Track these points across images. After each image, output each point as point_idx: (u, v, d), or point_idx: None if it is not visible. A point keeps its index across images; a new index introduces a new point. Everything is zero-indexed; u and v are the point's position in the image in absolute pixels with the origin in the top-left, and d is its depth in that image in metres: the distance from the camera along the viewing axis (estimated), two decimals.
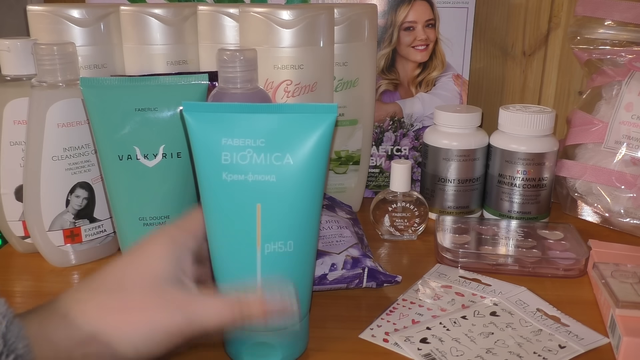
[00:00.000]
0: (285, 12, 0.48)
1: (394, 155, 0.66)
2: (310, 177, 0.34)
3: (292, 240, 0.34)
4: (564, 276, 0.49)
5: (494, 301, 0.44)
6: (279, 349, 0.36)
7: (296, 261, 0.35)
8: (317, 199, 0.35)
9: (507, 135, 0.57)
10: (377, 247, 0.54)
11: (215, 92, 0.43)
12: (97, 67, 0.54)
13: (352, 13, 0.54)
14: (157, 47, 0.54)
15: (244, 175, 0.33)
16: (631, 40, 0.62)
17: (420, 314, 0.42)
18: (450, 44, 0.62)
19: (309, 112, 0.34)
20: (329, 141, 0.34)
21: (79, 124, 0.48)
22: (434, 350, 0.38)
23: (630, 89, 0.58)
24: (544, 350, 0.38)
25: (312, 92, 0.51)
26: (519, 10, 0.71)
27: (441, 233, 0.53)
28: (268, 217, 0.33)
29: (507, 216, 0.58)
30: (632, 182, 0.56)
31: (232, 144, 0.33)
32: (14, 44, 0.48)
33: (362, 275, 0.45)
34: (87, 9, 0.52)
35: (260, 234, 0.34)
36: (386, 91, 0.64)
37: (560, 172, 0.60)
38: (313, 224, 0.35)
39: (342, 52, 0.55)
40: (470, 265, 0.49)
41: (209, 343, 0.39)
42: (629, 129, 0.57)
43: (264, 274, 0.34)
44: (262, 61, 0.45)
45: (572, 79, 0.72)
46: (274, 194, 0.33)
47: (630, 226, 0.57)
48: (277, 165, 0.33)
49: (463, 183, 0.58)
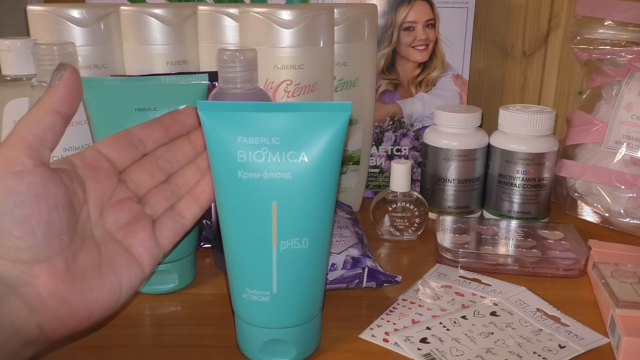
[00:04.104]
0: (285, 12, 0.48)
1: (394, 155, 0.66)
2: (325, 175, 0.34)
3: (308, 237, 0.35)
4: (564, 276, 0.49)
5: (494, 301, 0.44)
6: (293, 345, 0.37)
7: (311, 258, 0.35)
8: (332, 196, 0.35)
9: (507, 135, 0.57)
10: (377, 247, 0.54)
11: (215, 92, 0.43)
12: (97, 67, 0.54)
13: (352, 13, 0.54)
14: (157, 47, 0.54)
15: (260, 173, 0.34)
16: (631, 40, 0.62)
17: (420, 314, 0.42)
18: (450, 44, 0.62)
19: (324, 111, 0.34)
20: (343, 139, 0.35)
21: (79, 124, 0.48)
22: (434, 350, 0.38)
23: (630, 89, 0.58)
24: (543, 350, 0.38)
25: (312, 92, 0.51)
26: (518, 10, 0.71)
27: (441, 233, 0.53)
28: (284, 214, 0.34)
29: (507, 216, 0.58)
30: (632, 182, 0.56)
31: (248, 142, 0.34)
32: (14, 44, 0.48)
33: (362, 275, 0.45)
34: (87, 9, 0.52)
35: (275, 231, 0.34)
36: (386, 91, 0.64)
37: (560, 172, 0.60)
38: (327, 221, 0.36)
39: (342, 52, 0.55)
40: (470, 265, 0.49)
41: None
42: (629, 129, 0.57)
43: (279, 271, 0.35)
44: (262, 61, 0.45)
45: (572, 79, 0.72)
46: (290, 192, 0.34)
47: (630, 226, 0.57)
48: (293, 163, 0.34)
49: (463, 183, 0.58)
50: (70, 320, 0.32)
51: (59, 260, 0.31)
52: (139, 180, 0.38)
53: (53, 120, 0.32)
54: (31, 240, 0.30)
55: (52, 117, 0.32)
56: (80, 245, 0.33)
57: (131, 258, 0.35)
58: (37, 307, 0.30)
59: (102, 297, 0.33)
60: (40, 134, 0.31)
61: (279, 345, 0.37)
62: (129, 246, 0.35)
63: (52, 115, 0.32)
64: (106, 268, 0.33)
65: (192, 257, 0.47)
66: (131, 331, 0.41)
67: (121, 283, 0.34)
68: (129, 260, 0.35)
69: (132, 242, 0.35)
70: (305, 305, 0.36)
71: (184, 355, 0.38)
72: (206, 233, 0.53)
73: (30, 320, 0.30)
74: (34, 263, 0.30)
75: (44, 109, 0.32)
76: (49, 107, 0.32)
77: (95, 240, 0.34)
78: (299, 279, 0.35)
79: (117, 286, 0.33)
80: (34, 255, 0.30)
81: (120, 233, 0.35)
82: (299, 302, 0.36)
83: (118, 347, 0.39)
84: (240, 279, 0.36)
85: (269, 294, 0.35)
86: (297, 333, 0.37)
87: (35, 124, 0.31)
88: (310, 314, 0.37)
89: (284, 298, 0.35)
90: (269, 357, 0.37)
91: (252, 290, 0.35)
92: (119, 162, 0.37)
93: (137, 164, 0.38)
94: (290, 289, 0.35)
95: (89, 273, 0.32)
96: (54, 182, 0.31)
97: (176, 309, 0.44)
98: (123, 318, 0.42)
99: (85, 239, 0.34)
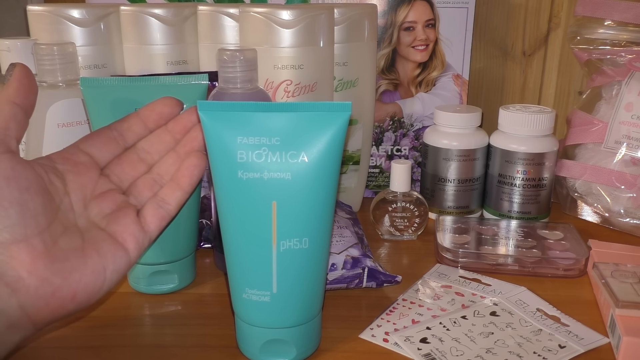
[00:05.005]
0: (285, 12, 0.48)
1: (394, 155, 0.66)
2: (325, 175, 0.34)
3: (308, 237, 0.35)
4: (564, 276, 0.49)
5: (494, 301, 0.44)
6: (293, 345, 0.37)
7: (311, 258, 0.35)
8: (332, 196, 0.35)
9: (507, 135, 0.57)
10: (377, 247, 0.54)
11: (215, 92, 0.43)
12: (97, 67, 0.54)
13: (352, 13, 0.54)
14: (157, 47, 0.54)
15: (260, 173, 0.34)
16: (631, 40, 0.62)
17: (420, 314, 0.42)
18: (450, 44, 0.62)
19: (324, 111, 0.34)
20: (343, 139, 0.35)
21: (79, 124, 0.48)
22: (434, 350, 0.38)
23: (630, 89, 0.58)
24: (543, 350, 0.38)
25: (312, 92, 0.51)
26: (518, 10, 0.71)
27: (441, 233, 0.53)
28: (284, 214, 0.34)
29: (507, 216, 0.58)
30: (632, 182, 0.56)
31: (248, 142, 0.34)
32: (14, 44, 0.48)
33: (362, 275, 0.45)
34: (87, 9, 0.52)
35: (275, 231, 0.34)
36: (386, 91, 0.64)
37: (560, 172, 0.60)
38: (327, 220, 0.36)
39: (342, 52, 0.55)
40: (470, 265, 0.49)
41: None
42: (629, 129, 0.57)
43: (279, 271, 0.35)
44: (262, 61, 0.45)
45: (572, 79, 0.72)
46: (290, 192, 0.34)
47: (630, 226, 0.57)
48: (293, 163, 0.34)
49: (463, 183, 0.58)
50: (53, 300, 0.32)
51: (37, 240, 0.31)
52: (120, 173, 0.39)
53: (12, 110, 0.33)
54: (5, 220, 0.30)
55: (11, 108, 0.33)
56: (62, 230, 0.33)
57: (115, 242, 0.35)
58: (17, 287, 0.30)
59: (85, 277, 0.33)
60: (3, 124, 0.32)
61: (279, 345, 0.37)
62: (113, 232, 0.35)
63: (10, 105, 0.33)
64: (89, 251, 0.34)
65: (192, 257, 0.47)
66: (131, 331, 0.41)
67: (105, 265, 0.34)
68: (113, 244, 0.35)
69: (116, 229, 0.36)
70: (305, 305, 0.36)
71: (184, 355, 0.38)
72: (206, 233, 0.53)
73: (11, 301, 0.30)
74: (10, 244, 0.30)
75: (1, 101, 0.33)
76: (6, 99, 0.33)
77: (78, 229, 0.35)
78: (299, 279, 0.35)
79: (101, 268, 0.34)
80: (10, 235, 0.30)
81: (105, 221, 0.36)
82: (299, 302, 0.36)
83: (118, 347, 0.39)
84: (240, 279, 0.36)
85: (269, 294, 0.35)
86: (297, 333, 0.37)
87: None
88: (310, 314, 0.37)
89: (284, 298, 0.35)
90: (269, 357, 0.37)
91: (252, 290, 0.35)
92: (99, 157, 0.38)
93: (118, 157, 0.39)
94: (290, 289, 0.35)
95: (70, 255, 0.33)
96: (22, 166, 0.32)
97: (176, 309, 0.44)
98: (123, 318, 0.42)
99: (68, 227, 0.34)
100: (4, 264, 0.30)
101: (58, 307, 0.32)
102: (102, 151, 0.38)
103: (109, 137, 0.39)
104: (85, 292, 0.33)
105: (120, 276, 0.35)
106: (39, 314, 0.32)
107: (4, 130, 0.32)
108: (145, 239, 0.37)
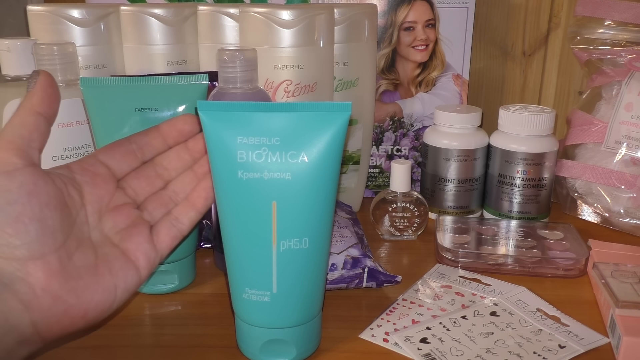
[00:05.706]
0: (285, 12, 0.48)
1: (394, 155, 0.66)
2: (325, 175, 0.34)
3: (308, 237, 0.35)
4: (564, 276, 0.49)
5: (494, 301, 0.44)
6: (293, 345, 0.37)
7: (311, 258, 0.35)
8: (332, 196, 0.35)
9: (507, 135, 0.57)
10: (377, 247, 0.54)
11: (215, 92, 0.43)
12: (97, 67, 0.54)
13: (352, 13, 0.54)
14: (157, 47, 0.54)
15: (260, 173, 0.34)
16: (631, 40, 0.62)
17: (420, 314, 0.42)
18: (450, 44, 0.62)
19: (324, 111, 0.34)
20: (342, 139, 0.35)
21: (79, 124, 0.48)
22: (434, 350, 0.38)
23: (630, 89, 0.58)
24: (543, 350, 0.38)
25: (312, 92, 0.51)
26: (518, 10, 0.71)
27: (441, 233, 0.53)
28: (284, 214, 0.34)
29: (507, 216, 0.58)
30: (632, 182, 0.56)
31: (248, 142, 0.34)
32: (14, 44, 0.48)
33: (362, 275, 0.45)
34: (87, 9, 0.52)
35: (275, 231, 0.34)
36: (386, 91, 0.64)
37: (560, 172, 0.60)
38: (327, 220, 0.36)
39: (342, 52, 0.55)
40: (470, 265, 0.49)
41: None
42: (629, 129, 0.57)
43: (279, 271, 0.35)
44: (262, 61, 0.45)
45: (572, 79, 0.72)
46: (290, 192, 0.34)
47: (630, 226, 0.57)
48: (293, 163, 0.34)
49: (463, 183, 0.58)
50: (64, 318, 0.32)
51: (53, 258, 0.31)
52: (137, 187, 0.38)
53: (36, 121, 0.33)
54: (25, 237, 0.30)
55: (35, 118, 0.33)
56: (76, 245, 0.33)
57: (127, 260, 0.35)
58: (31, 304, 0.30)
59: (97, 296, 0.33)
60: (27, 135, 0.32)
61: (279, 345, 0.37)
62: (125, 249, 0.35)
63: (34, 116, 0.33)
64: (102, 269, 0.33)
65: (192, 257, 0.47)
66: (131, 331, 0.41)
67: (117, 284, 0.34)
68: (125, 263, 0.35)
69: (129, 246, 0.35)
70: (305, 305, 0.36)
71: (184, 355, 0.38)
72: (206, 233, 0.53)
73: (24, 318, 0.30)
74: (28, 260, 0.30)
75: (26, 111, 0.33)
76: (30, 109, 0.33)
77: (92, 243, 0.34)
78: (299, 279, 0.35)
79: (112, 287, 0.34)
80: (28, 252, 0.30)
81: (118, 237, 0.36)
82: (299, 302, 0.36)
83: (118, 347, 0.39)
84: (240, 279, 0.36)
85: (269, 294, 0.35)
86: (297, 333, 0.37)
87: (21, 126, 0.32)
88: (310, 314, 0.37)
89: (284, 298, 0.35)
90: (269, 357, 0.37)
91: (252, 290, 0.35)
92: (117, 169, 0.38)
93: (135, 171, 0.39)
94: (290, 289, 0.35)
95: (84, 272, 0.32)
96: (44, 181, 0.32)
97: (176, 309, 0.44)
98: (123, 318, 0.42)
99: (82, 240, 0.34)
100: (19, 280, 0.30)
101: (68, 324, 0.32)
102: (121, 163, 0.38)
103: (127, 150, 0.38)
104: (95, 310, 0.33)
105: (130, 294, 0.35)
106: (49, 331, 0.32)
107: (27, 142, 0.32)
108: (156, 257, 0.37)
